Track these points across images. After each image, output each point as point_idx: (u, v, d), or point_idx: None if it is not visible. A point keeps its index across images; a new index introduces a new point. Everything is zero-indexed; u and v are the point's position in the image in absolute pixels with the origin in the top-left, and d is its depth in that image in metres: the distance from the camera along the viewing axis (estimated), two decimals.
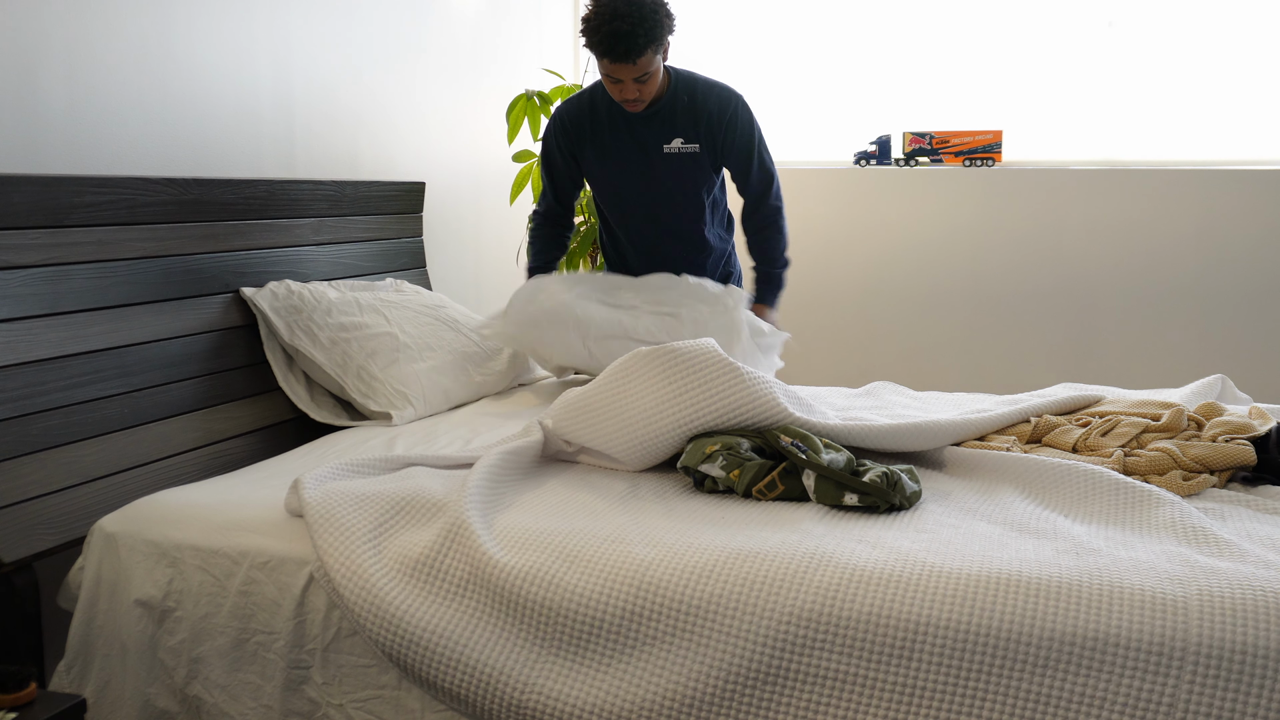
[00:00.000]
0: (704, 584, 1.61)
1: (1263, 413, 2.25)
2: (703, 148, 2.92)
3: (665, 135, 2.92)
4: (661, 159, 2.93)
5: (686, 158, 2.93)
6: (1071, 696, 1.44)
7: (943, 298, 4.24)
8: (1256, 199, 3.88)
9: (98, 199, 2.22)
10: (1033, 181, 4.10)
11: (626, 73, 2.73)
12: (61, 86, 2.27)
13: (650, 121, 2.91)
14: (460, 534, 1.75)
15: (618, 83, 2.77)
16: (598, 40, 2.70)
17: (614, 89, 2.80)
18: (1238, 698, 1.40)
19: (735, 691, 1.54)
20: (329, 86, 3.11)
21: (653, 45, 2.70)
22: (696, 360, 2.09)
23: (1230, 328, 3.95)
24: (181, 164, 2.58)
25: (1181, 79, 3.99)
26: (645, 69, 2.73)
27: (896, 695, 1.50)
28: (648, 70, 2.73)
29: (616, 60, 2.70)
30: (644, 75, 2.74)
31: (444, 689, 1.64)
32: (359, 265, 3.07)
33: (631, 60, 2.69)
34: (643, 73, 2.73)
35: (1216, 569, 1.54)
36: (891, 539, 1.70)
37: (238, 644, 1.81)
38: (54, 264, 2.11)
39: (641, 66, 2.72)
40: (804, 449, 1.95)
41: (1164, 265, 3.99)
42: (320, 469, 1.97)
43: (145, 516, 1.95)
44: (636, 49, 2.67)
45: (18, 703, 1.63)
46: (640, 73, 2.73)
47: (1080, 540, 1.69)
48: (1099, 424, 2.21)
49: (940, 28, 4.24)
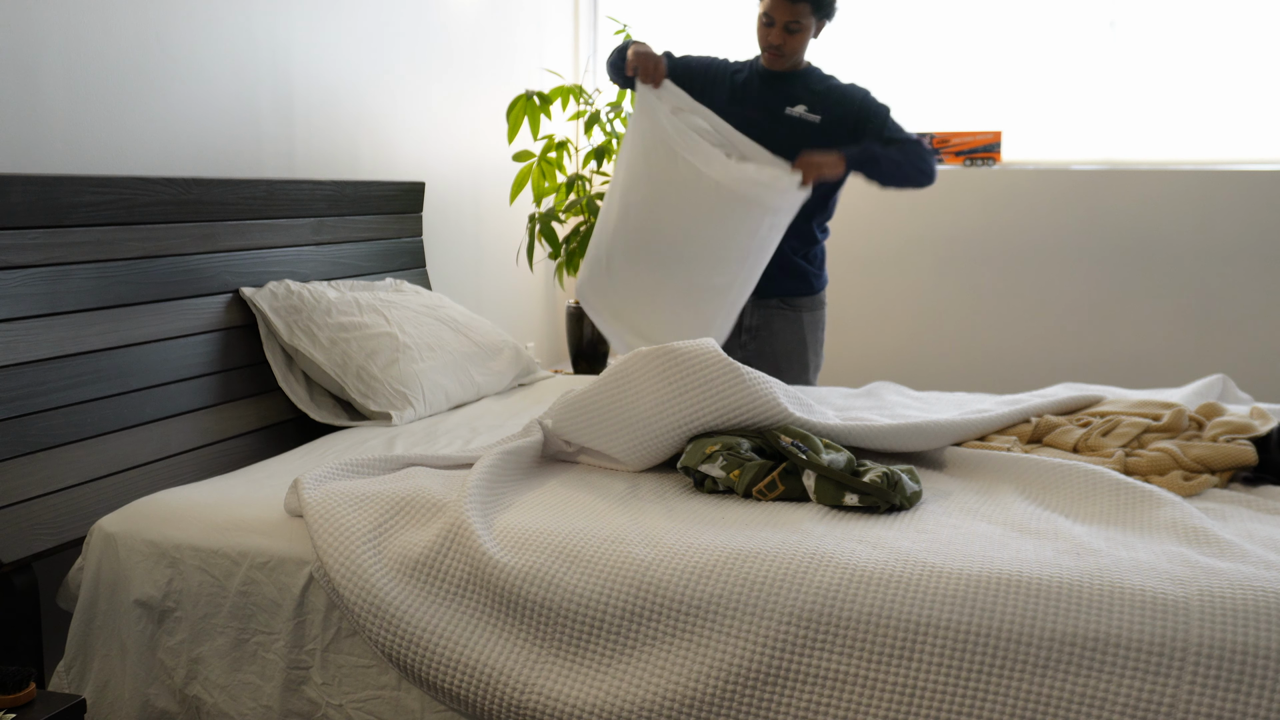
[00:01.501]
0: (704, 584, 1.61)
1: (1263, 413, 2.25)
2: (824, 119, 2.94)
3: (790, 100, 2.96)
4: (784, 121, 2.95)
5: (808, 124, 2.94)
6: (1071, 697, 1.44)
7: (943, 297, 4.24)
8: (1256, 199, 3.88)
9: (97, 199, 2.21)
10: (1033, 181, 4.10)
11: (783, 12, 2.84)
12: (61, 86, 2.27)
13: (776, 83, 2.97)
14: (460, 534, 1.75)
15: (769, 25, 2.87)
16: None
17: (764, 32, 2.90)
18: (1238, 698, 1.40)
19: (735, 691, 1.54)
20: (329, 86, 3.11)
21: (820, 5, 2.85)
22: (696, 360, 2.09)
23: (1230, 328, 3.95)
24: (181, 164, 2.58)
25: (1181, 79, 3.99)
26: (799, 18, 2.85)
27: (896, 695, 1.50)
28: (800, 22, 2.85)
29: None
30: (796, 25, 2.86)
31: (444, 689, 1.64)
32: (359, 265, 3.07)
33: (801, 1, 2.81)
34: (796, 21, 2.85)
35: (1217, 569, 1.54)
36: (891, 539, 1.70)
37: (237, 644, 1.81)
38: (53, 264, 2.11)
39: (799, 14, 2.84)
40: (804, 449, 1.95)
41: (1164, 265, 3.99)
42: (320, 469, 1.97)
43: (145, 516, 1.94)
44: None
45: (17, 703, 1.63)
46: (794, 19, 2.85)
47: (1081, 540, 1.69)
48: (1099, 424, 2.21)
49: (940, 28, 4.24)
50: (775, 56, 2.93)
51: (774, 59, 2.95)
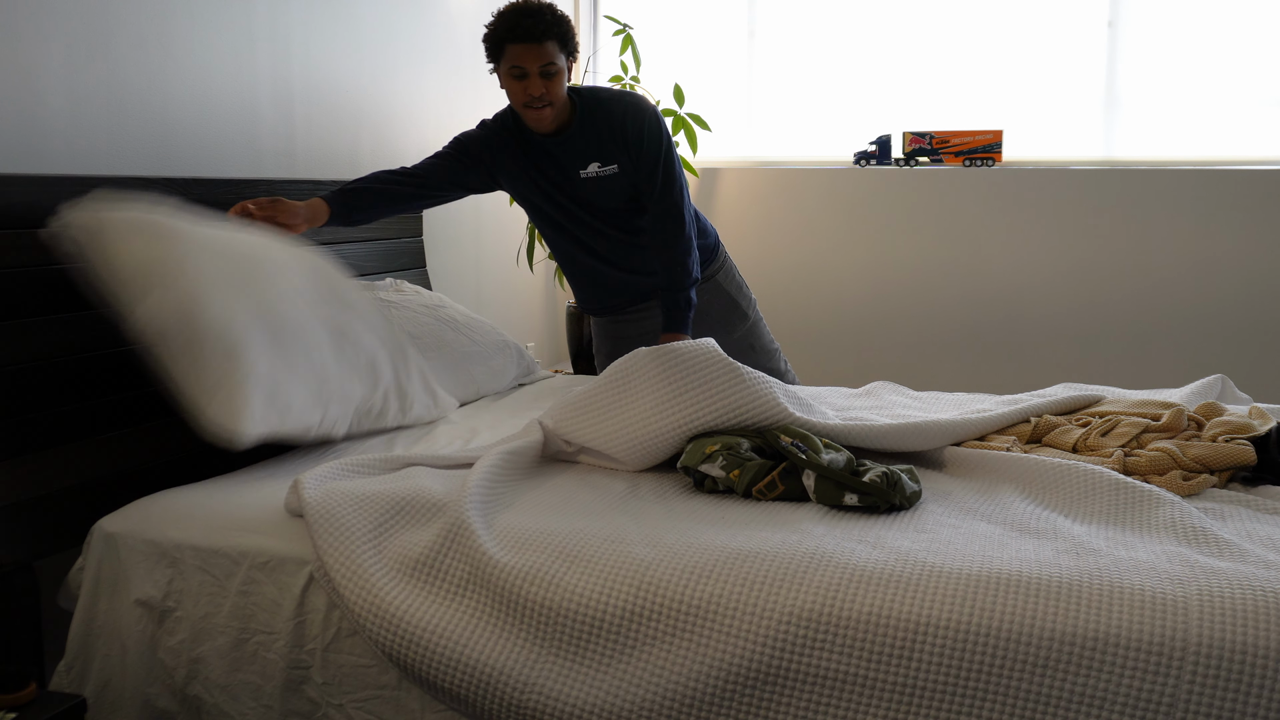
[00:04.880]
0: (704, 584, 1.61)
1: (1263, 413, 2.25)
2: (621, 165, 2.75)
3: (578, 160, 2.75)
4: (582, 184, 2.77)
5: (607, 177, 2.76)
6: (1071, 697, 1.44)
7: (942, 298, 4.24)
8: (1256, 199, 3.88)
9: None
10: (1033, 181, 4.10)
11: (533, 59, 2.56)
12: (61, 86, 2.27)
13: (553, 149, 2.74)
14: (460, 534, 1.75)
15: (521, 78, 2.60)
16: (505, 23, 2.57)
17: (517, 88, 2.62)
18: (1238, 698, 1.40)
19: (735, 691, 1.54)
20: (329, 86, 3.11)
21: (559, 36, 2.59)
22: (697, 360, 2.09)
23: (1230, 328, 3.95)
24: (181, 164, 2.58)
25: (1181, 79, 3.99)
26: (551, 58, 2.57)
27: (896, 695, 1.50)
28: (554, 62, 2.58)
29: (527, 39, 2.55)
30: (550, 67, 2.58)
31: (444, 689, 1.64)
32: (359, 265, 3.07)
33: (538, 39, 2.55)
34: (549, 62, 2.57)
35: (1217, 569, 1.54)
36: (891, 539, 1.70)
37: (237, 644, 1.81)
38: (54, 264, 2.11)
39: (549, 54, 2.57)
40: (804, 449, 1.95)
41: (1163, 265, 3.99)
42: (320, 469, 1.97)
43: (145, 516, 1.95)
44: (543, 25, 2.56)
45: (18, 703, 1.63)
46: (546, 61, 2.57)
47: (1080, 540, 1.69)
48: (1099, 424, 2.21)
49: (940, 28, 4.24)
50: (540, 112, 2.63)
51: (539, 117, 2.64)
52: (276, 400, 2.06)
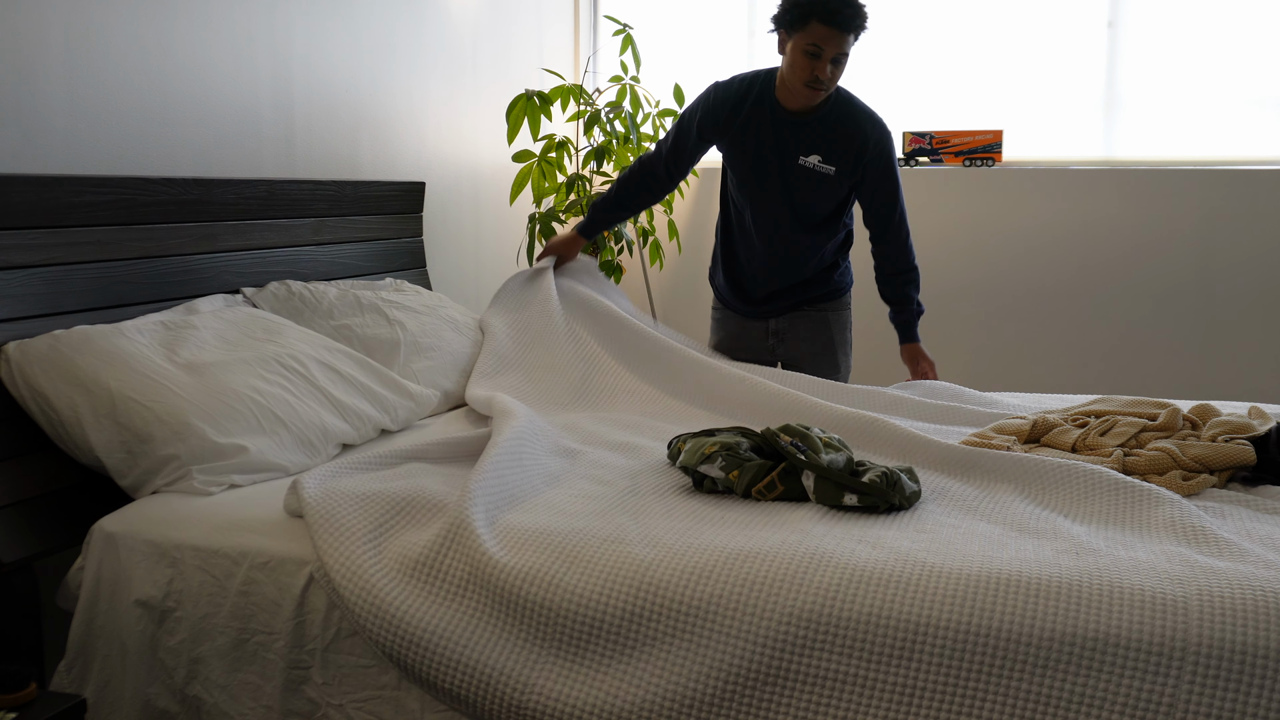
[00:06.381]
0: (704, 584, 1.61)
1: (1262, 413, 2.25)
2: (837, 171, 2.80)
3: (805, 147, 2.79)
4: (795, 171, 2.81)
5: (820, 176, 2.80)
6: (1071, 697, 1.44)
7: (942, 297, 4.24)
8: (1256, 199, 3.88)
9: (97, 199, 2.22)
10: (1033, 181, 4.10)
11: (836, 45, 2.61)
12: (61, 86, 2.27)
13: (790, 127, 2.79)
14: (460, 534, 1.75)
15: (815, 57, 2.63)
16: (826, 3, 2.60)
17: (807, 65, 2.65)
18: (1238, 698, 1.40)
19: (735, 692, 1.54)
20: (329, 87, 3.11)
21: (861, 30, 2.65)
22: None
23: (1230, 327, 3.95)
24: (181, 164, 2.58)
25: (1181, 79, 3.99)
26: (847, 49, 2.65)
27: (896, 695, 1.50)
28: (847, 53, 2.66)
29: (837, 26, 2.60)
30: (842, 57, 2.65)
31: (444, 689, 1.64)
32: (359, 265, 3.07)
33: (854, 31, 2.62)
34: (844, 52, 2.65)
35: (1216, 569, 1.54)
36: (891, 539, 1.70)
37: (238, 644, 1.81)
38: (54, 264, 2.11)
39: (848, 44, 2.64)
40: (803, 449, 1.95)
41: (1164, 265, 3.99)
42: (320, 468, 1.97)
43: (145, 516, 1.94)
44: (858, 19, 2.62)
45: (18, 703, 1.63)
46: (844, 50, 2.64)
47: (1080, 540, 1.69)
48: (1097, 424, 2.21)
49: (940, 28, 4.24)
50: (816, 92, 2.70)
51: (814, 95, 2.70)
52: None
